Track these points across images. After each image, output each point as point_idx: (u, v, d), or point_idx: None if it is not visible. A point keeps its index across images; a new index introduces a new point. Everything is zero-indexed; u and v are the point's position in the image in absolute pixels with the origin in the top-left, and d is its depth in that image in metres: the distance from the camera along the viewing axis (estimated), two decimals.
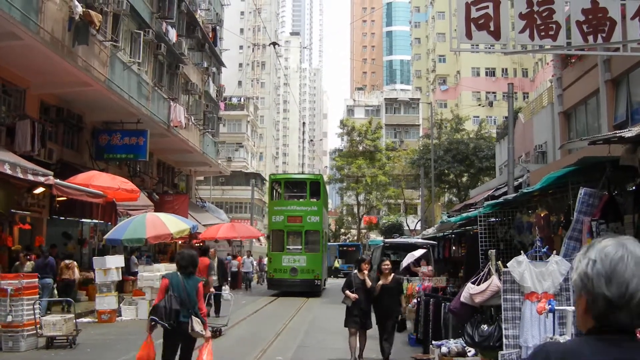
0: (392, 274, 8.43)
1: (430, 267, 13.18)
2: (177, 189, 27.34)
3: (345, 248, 42.61)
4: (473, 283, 6.70)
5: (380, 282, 8.31)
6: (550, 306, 5.13)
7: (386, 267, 8.35)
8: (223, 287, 13.89)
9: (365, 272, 8.29)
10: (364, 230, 51.60)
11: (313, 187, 22.97)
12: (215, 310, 13.26)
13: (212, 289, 12.01)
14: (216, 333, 10.75)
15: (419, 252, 13.23)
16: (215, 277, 13.11)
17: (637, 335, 1.26)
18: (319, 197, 23.06)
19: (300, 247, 21.76)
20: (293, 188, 24.66)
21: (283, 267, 21.32)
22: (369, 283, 8.23)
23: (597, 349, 1.23)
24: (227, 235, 22.38)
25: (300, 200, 23.27)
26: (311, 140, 57.81)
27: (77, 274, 13.79)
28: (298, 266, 21.42)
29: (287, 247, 21.82)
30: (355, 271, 8.47)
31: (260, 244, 49.13)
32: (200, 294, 5.79)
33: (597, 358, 1.21)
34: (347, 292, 8.23)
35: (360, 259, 8.53)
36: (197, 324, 5.65)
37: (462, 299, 6.80)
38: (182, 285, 5.69)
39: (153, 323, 5.58)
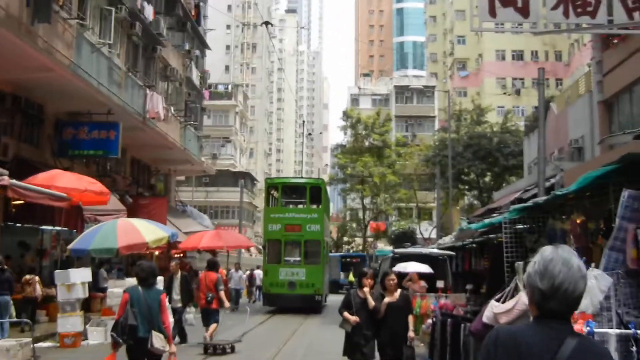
0: (399, 290, 8.15)
1: (442, 283, 13.12)
2: (153, 191, 27.31)
3: (348, 259, 42.59)
4: (497, 301, 6.67)
5: (386, 300, 7.82)
6: (588, 328, 5.05)
7: (391, 281, 8.05)
8: (187, 309, 13.69)
9: (367, 289, 7.87)
10: (370, 239, 51.59)
11: (313, 193, 23.79)
12: (180, 338, 13.08)
13: (226, 304, 12.59)
14: (225, 350, 11.98)
15: (421, 268, 13.14)
16: (178, 297, 13.17)
17: (570, 320, 1.91)
18: (320, 204, 23.90)
19: (299, 258, 22.57)
20: (291, 193, 25.45)
21: (280, 281, 22.09)
22: (371, 302, 7.77)
23: (536, 330, 1.97)
24: (211, 244, 22.32)
25: (299, 207, 24.05)
26: (309, 134, 57.75)
27: (39, 290, 13.71)
28: (296, 280, 22.12)
29: (285, 258, 22.58)
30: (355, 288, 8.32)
31: (251, 255, 49.10)
32: (163, 307, 6.25)
33: (536, 337, 1.94)
34: (346, 314, 7.80)
35: (361, 272, 8.13)
36: (157, 340, 6.07)
37: (484, 319, 6.76)
38: (142, 299, 6.16)
39: (113, 341, 6.14)
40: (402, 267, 13.24)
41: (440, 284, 12.89)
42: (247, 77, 73.22)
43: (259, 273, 30.39)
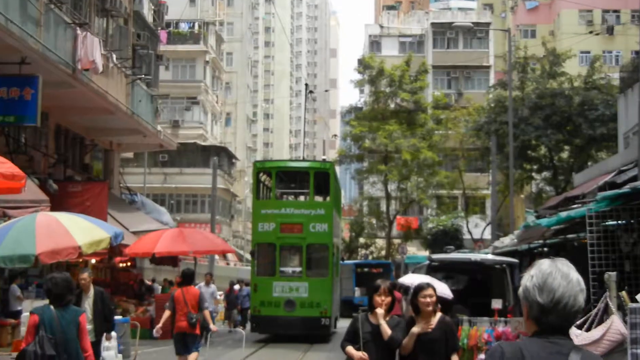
0: (438, 315, 7.84)
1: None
2: (88, 174, 27.35)
3: (366, 269, 42.63)
4: (580, 327, 6.70)
5: (415, 330, 7.41)
6: None
7: (428, 301, 7.83)
8: (104, 342, 13.41)
9: (381, 310, 7.46)
10: (397, 241, 51.62)
11: (319, 181, 24.58)
12: None
13: (212, 326, 14.04)
14: None
15: (441, 287, 12.54)
16: (90, 326, 11.97)
17: (569, 334, 2.61)
18: (329, 195, 24.97)
19: (299, 269, 23.45)
20: (289, 181, 26.38)
21: (274, 299, 22.72)
22: (386, 331, 7.33)
23: (539, 345, 2.66)
24: (172, 249, 22.40)
25: (300, 199, 25.04)
26: (311, 93, 57.27)
27: None
28: (296, 297, 22.66)
29: (281, 269, 23.44)
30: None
31: (228, 264, 49.28)
32: (82, 331, 6.77)
33: (542, 353, 2.60)
34: (350, 349, 7.46)
35: (373, 286, 7.72)
36: None
37: None
38: (56, 322, 6.60)
39: None
40: (408, 279, 13.23)
41: (496, 304, 12.82)
42: (220, 11, 72.87)
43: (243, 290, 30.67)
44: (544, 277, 2.95)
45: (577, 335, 6.70)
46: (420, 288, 7.72)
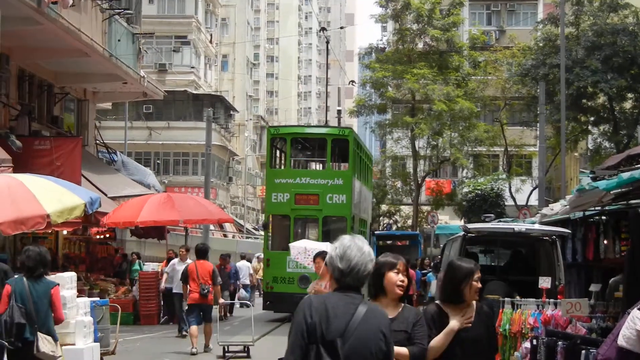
0: (473, 303, 6.80)
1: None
2: (58, 128, 27.37)
3: (389, 242, 42.75)
4: None
5: (455, 324, 6.55)
6: None
7: (477, 286, 6.75)
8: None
9: (393, 297, 6.23)
10: (426, 208, 51.70)
11: (337, 148, 26.93)
12: None
13: (221, 299, 18.78)
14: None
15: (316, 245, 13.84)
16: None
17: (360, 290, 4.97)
18: (348, 164, 26.83)
19: None
20: (305, 149, 28.96)
21: (288, 275, 24.88)
22: (402, 352, 5.91)
23: (338, 297, 4.93)
24: (159, 217, 22.62)
25: (317, 169, 27.56)
26: (323, 30, 56.66)
27: None
28: (311, 273, 23.62)
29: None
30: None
31: (225, 236, 49.42)
32: (55, 302, 8.10)
33: (340, 303, 4.87)
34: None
35: (385, 263, 6.25)
36: (45, 343, 7.87)
37: (621, 341, 6.96)
38: (27, 293, 7.98)
39: None
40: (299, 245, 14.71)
41: (544, 282, 12.79)
42: None
43: (242, 266, 30.82)
44: (344, 249, 5.02)
45: None
46: (468, 272, 6.71)
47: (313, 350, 4.80)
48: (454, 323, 6.51)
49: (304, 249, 15.39)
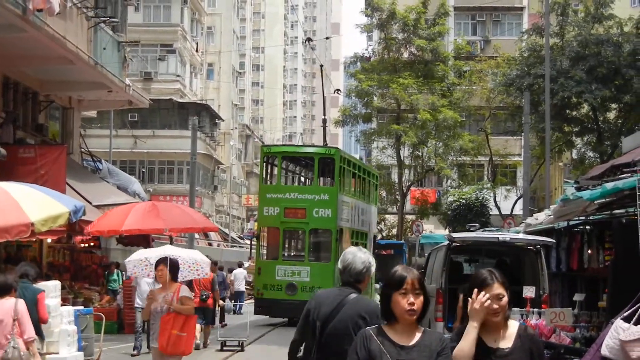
0: (513, 324, 5.63)
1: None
2: (43, 136, 27.27)
3: (374, 251, 42.68)
4: (627, 320, 6.82)
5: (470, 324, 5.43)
6: None
7: (495, 307, 5.41)
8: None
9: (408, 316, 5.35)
10: (411, 217, 51.75)
11: (324, 166, 28.69)
12: None
13: (220, 302, 22.45)
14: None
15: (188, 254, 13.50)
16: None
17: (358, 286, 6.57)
18: (333, 180, 28.43)
19: (302, 253, 28.13)
20: (294, 166, 30.99)
21: (277, 282, 26.72)
22: None
23: (336, 290, 6.70)
24: (143, 226, 22.40)
25: (304, 185, 30.20)
26: (309, 41, 56.69)
27: None
28: (298, 281, 26.60)
29: (284, 253, 27.86)
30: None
31: (210, 244, 49.29)
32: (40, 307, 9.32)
33: (332, 293, 6.68)
34: None
35: (393, 279, 5.31)
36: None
37: (604, 351, 6.92)
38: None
39: None
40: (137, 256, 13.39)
41: (528, 291, 12.84)
42: None
43: (238, 273, 31.86)
44: (344, 255, 6.57)
45: (625, 330, 6.83)
46: (481, 283, 5.48)
47: (309, 328, 6.42)
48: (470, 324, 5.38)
49: (143, 260, 13.31)
